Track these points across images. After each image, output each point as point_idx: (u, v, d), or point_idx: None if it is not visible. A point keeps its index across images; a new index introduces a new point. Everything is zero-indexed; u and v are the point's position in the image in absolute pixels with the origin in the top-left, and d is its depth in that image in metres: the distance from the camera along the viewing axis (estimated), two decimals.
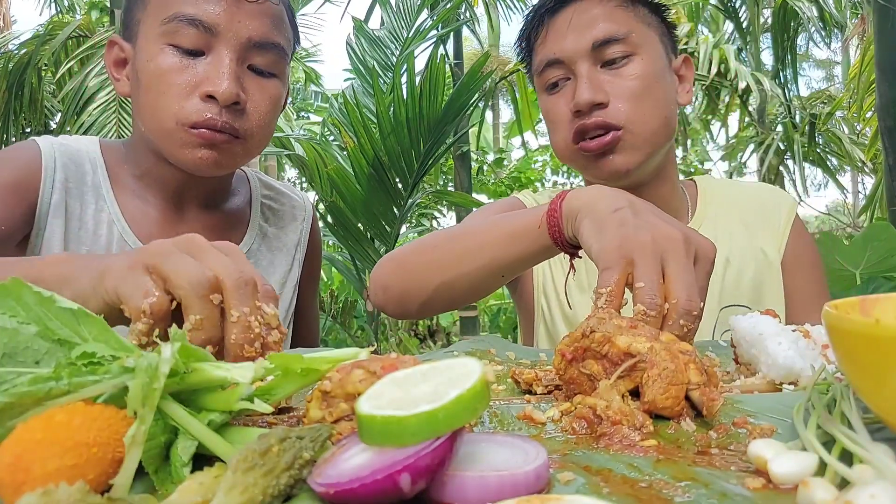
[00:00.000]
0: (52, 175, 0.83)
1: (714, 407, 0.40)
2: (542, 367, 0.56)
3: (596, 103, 0.86)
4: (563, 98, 0.91)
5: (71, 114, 4.04)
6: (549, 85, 0.93)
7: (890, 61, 3.00)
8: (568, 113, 0.89)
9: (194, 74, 0.77)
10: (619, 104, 0.87)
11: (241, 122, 0.80)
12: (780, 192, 1.07)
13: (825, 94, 7.35)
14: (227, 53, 0.77)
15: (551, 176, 7.19)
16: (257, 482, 0.27)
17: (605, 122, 0.86)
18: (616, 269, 0.52)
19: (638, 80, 0.88)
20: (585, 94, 0.86)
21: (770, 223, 1.00)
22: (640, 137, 0.87)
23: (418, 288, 0.77)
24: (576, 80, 0.89)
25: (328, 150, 3.40)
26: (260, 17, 0.80)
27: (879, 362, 0.31)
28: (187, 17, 0.76)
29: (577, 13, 0.90)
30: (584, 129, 0.87)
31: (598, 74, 0.89)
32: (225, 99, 0.76)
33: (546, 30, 0.93)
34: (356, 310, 3.91)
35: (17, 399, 0.32)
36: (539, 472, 0.29)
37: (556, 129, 0.93)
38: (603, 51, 0.88)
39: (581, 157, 0.90)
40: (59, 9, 7.55)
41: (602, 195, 0.61)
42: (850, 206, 11.00)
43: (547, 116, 0.95)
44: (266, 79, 0.83)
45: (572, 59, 0.89)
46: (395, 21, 3.52)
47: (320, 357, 0.38)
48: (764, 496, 0.30)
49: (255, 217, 0.98)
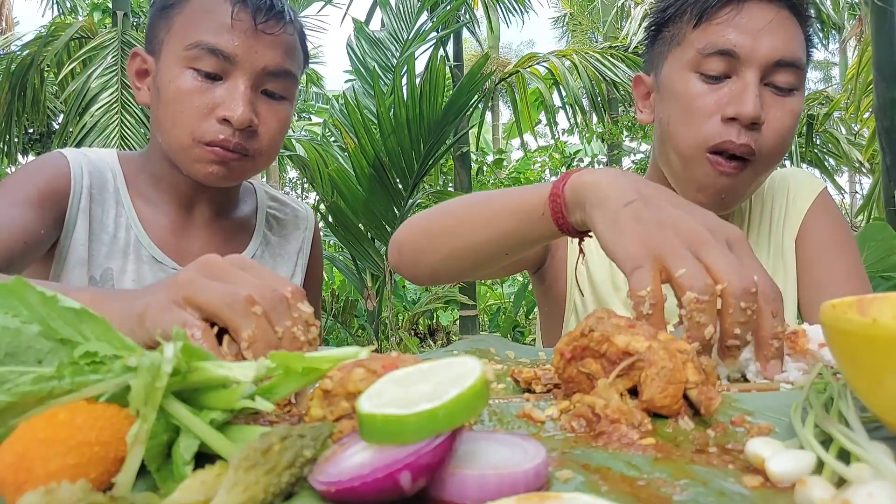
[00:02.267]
0: (80, 182, 0.90)
1: (712, 405, 0.40)
2: (542, 365, 0.57)
3: (756, 122, 0.81)
4: (716, 94, 0.83)
5: (73, 115, 4.04)
6: (710, 75, 0.84)
7: (887, 62, 3.01)
8: (715, 112, 0.82)
9: (212, 98, 0.84)
10: (770, 134, 0.82)
11: (252, 142, 0.87)
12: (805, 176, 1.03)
13: (823, 94, 7.35)
14: (242, 81, 0.84)
15: (550, 177, 7.19)
16: (259, 480, 0.28)
17: (752, 149, 0.81)
18: (647, 266, 0.49)
19: (792, 116, 0.83)
20: (752, 108, 0.79)
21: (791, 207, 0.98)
22: (759, 170, 0.84)
23: (430, 253, 0.76)
24: (739, 82, 0.82)
25: (329, 150, 3.41)
26: (275, 47, 0.86)
27: (877, 361, 0.31)
28: (208, 47, 0.83)
29: (779, 18, 0.82)
30: (730, 146, 0.81)
31: (762, 91, 0.82)
32: (239, 123, 0.83)
33: (737, 12, 0.83)
34: (357, 309, 3.91)
35: (20, 398, 0.32)
36: (538, 471, 0.30)
37: (692, 121, 0.84)
38: (777, 72, 0.82)
39: (705, 164, 0.84)
40: (62, 10, 7.56)
41: (610, 183, 0.57)
42: (848, 207, 11.01)
43: (691, 103, 0.84)
44: (277, 102, 0.89)
45: (748, 62, 0.81)
46: (395, 23, 3.52)
47: (321, 356, 0.38)
48: (762, 495, 0.30)
49: (260, 226, 1.05)
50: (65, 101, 4.35)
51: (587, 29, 11.37)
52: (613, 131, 5.79)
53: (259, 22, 0.84)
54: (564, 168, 6.98)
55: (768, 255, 0.97)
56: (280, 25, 0.87)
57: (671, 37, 0.89)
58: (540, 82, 4.86)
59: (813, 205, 0.97)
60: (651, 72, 0.94)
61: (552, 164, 7.01)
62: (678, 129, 0.86)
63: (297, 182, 11.41)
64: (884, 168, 3.13)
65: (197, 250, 0.94)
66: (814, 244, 0.96)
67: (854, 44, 8.44)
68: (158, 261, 0.92)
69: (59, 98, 4.96)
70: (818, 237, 0.96)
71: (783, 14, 0.84)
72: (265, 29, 0.85)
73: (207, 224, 0.97)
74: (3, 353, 0.34)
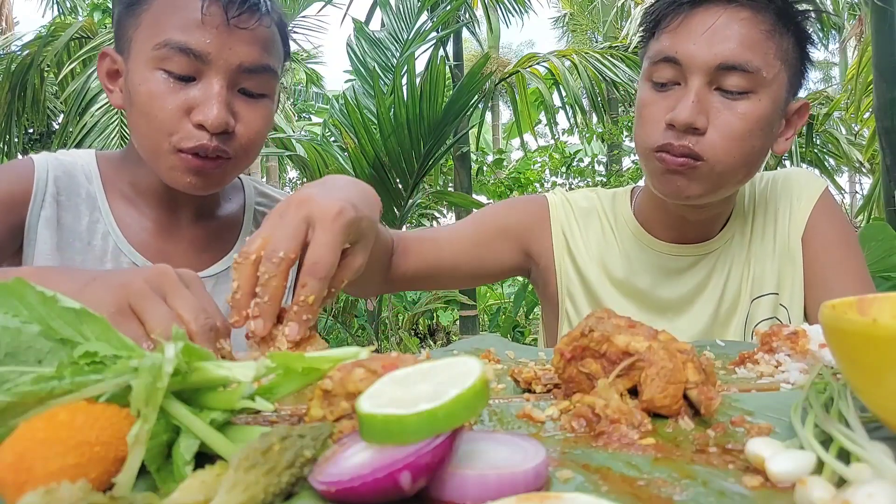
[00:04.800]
0: (43, 188, 0.85)
1: (712, 405, 0.40)
2: (542, 365, 0.57)
3: (693, 127, 0.81)
4: (664, 101, 0.85)
5: (73, 115, 4.05)
6: (657, 82, 0.86)
7: (887, 62, 3.01)
8: (662, 118, 0.84)
9: (185, 100, 0.78)
10: (715, 137, 0.82)
11: (230, 144, 0.81)
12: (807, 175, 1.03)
13: (823, 94, 7.34)
14: (216, 81, 0.78)
15: (550, 177, 7.18)
16: (259, 480, 0.28)
17: (692, 150, 0.82)
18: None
19: (744, 120, 0.82)
20: (685, 115, 0.81)
21: (796, 207, 0.98)
22: (714, 173, 0.84)
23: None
24: (684, 89, 0.83)
25: (329, 150, 3.41)
26: (251, 42, 0.80)
27: (877, 361, 0.31)
28: (178, 45, 0.77)
29: (722, 21, 0.82)
30: (668, 147, 0.83)
31: (709, 96, 0.83)
32: (215, 128, 0.78)
33: (681, 20, 0.85)
34: (357, 309, 3.91)
35: (20, 398, 0.32)
36: (538, 471, 0.30)
37: (643, 124, 0.87)
38: (724, 75, 0.82)
39: (654, 163, 0.86)
40: (62, 10, 7.56)
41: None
42: (848, 207, 11.01)
43: (640, 110, 0.89)
44: (256, 100, 0.84)
45: (690, 68, 0.82)
46: (395, 23, 3.52)
47: (321, 356, 0.38)
48: (761, 494, 0.30)
49: (248, 223, 1.00)
50: (65, 101, 4.35)
51: (587, 29, 11.37)
52: (613, 131, 5.78)
53: (232, 16, 0.78)
54: (565, 168, 6.98)
55: (774, 256, 0.97)
56: (255, 18, 0.80)
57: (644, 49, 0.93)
58: (540, 82, 4.86)
59: (817, 204, 0.97)
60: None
61: (552, 164, 7.01)
62: (635, 134, 0.91)
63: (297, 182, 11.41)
64: (884, 168, 3.13)
65: (182, 252, 0.91)
66: (819, 244, 0.96)
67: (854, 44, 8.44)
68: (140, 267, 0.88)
69: (59, 98, 4.97)
70: (823, 237, 0.96)
71: (739, 15, 0.82)
72: (238, 23, 0.79)
73: (192, 224, 0.92)
74: (3, 353, 0.34)
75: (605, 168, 7.29)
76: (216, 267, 0.93)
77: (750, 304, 0.95)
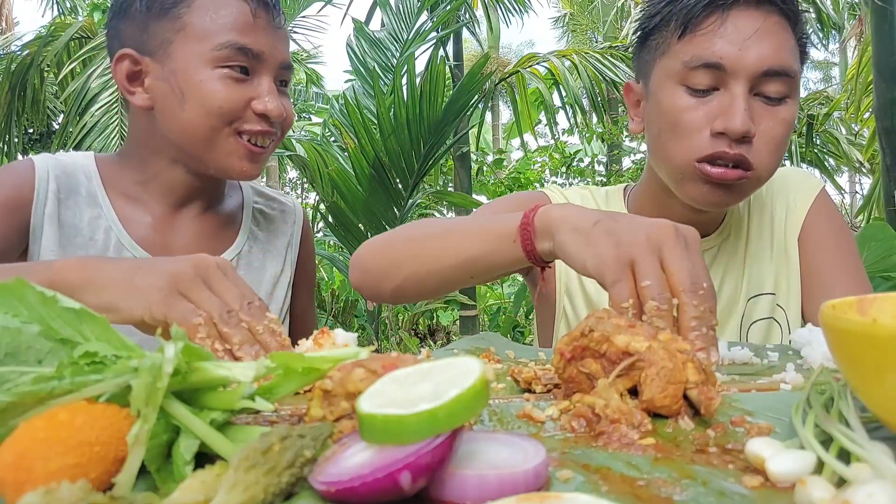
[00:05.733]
0: (45, 187, 0.88)
1: (712, 405, 0.40)
2: (542, 365, 0.57)
3: (746, 136, 0.79)
4: (705, 108, 0.81)
5: (73, 115, 4.05)
6: (696, 89, 0.82)
7: (887, 62, 3.01)
8: (705, 126, 0.81)
9: (246, 92, 0.88)
10: (763, 146, 0.80)
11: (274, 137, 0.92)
12: (804, 175, 1.02)
13: (823, 94, 7.34)
14: (266, 77, 0.90)
15: (550, 177, 7.19)
16: (259, 480, 0.28)
17: (747, 160, 0.79)
18: (625, 279, 0.55)
19: (784, 126, 0.81)
20: (741, 123, 0.78)
21: (792, 207, 0.98)
22: (758, 185, 0.84)
23: (393, 275, 0.80)
24: (727, 95, 0.80)
25: (329, 150, 3.41)
26: (285, 41, 0.93)
27: (877, 361, 0.31)
28: (239, 46, 0.87)
29: (766, 25, 0.80)
30: (722, 155, 0.80)
31: (752, 102, 0.80)
32: (276, 116, 0.89)
33: (722, 21, 0.80)
34: (357, 309, 3.91)
35: (20, 398, 0.32)
36: (538, 471, 0.30)
37: (682, 135, 0.82)
38: (766, 81, 0.80)
39: (695, 174, 0.82)
40: (62, 10, 7.56)
41: (576, 210, 0.63)
42: (848, 207, 11.01)
43: (678, 117, 0.83)
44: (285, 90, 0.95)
45: (735, 74, 0.79)
46: (395, 23, 3.52)
47: (321, 356, 0.38)
48: (762, 495, 0.30)
49: (247, 221, 1.05)
50: (65, 101, 4.35)
51: (587, 29, 11.37)
52: (613, 131, 5.79)
53: (275, 18, 0.90)
54: (565, 168, 6.98)
55: (771, 257, 0.97)
56: (283, 19, 0.93)
57: (657, 45, 0.88)
58: (540, 82, 4.86)
59: (813, 204, 0.97)
60: (640, 79, 0.93)
61: (552, 164, 7.01)
62: (668, 143, 0.85)
63: (297, 182, 11.42)
64: (884, 168, 3.13)
65: (183, 246, 0.94)
66: (815, 244, 0.96)
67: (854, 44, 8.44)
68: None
69: (59, 98, 4.96)
70: (819, 237, 0.96)
71: (772, 20, 0.81)
72: (278, 25, 0.91)
73: (194, 220, 0.97)
74: (3, 353, 0.34)
75: (605, 168, 7.29)
76: None
77: (746, 304, 0.95)
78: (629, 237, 0.56)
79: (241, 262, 1.01)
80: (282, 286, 1.04)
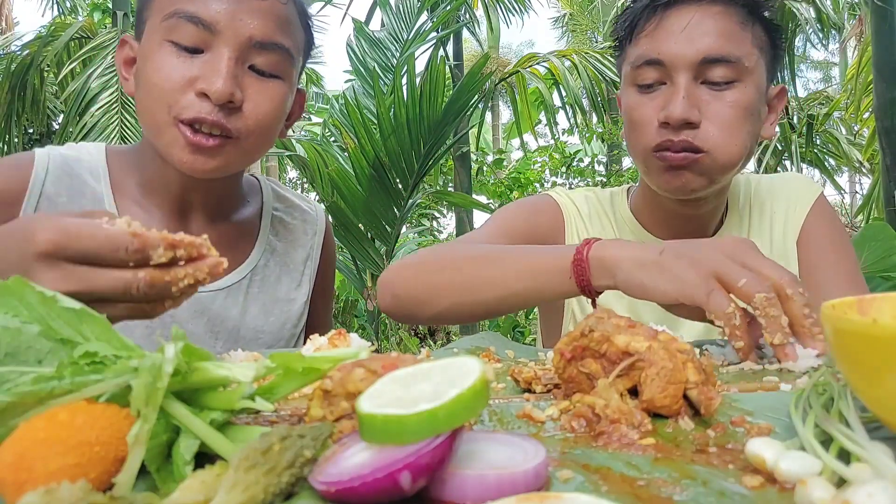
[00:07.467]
0: (39, 186, 0.81)
1: (712, 405, 0.40)
2: (542, 365, 0.57)
3: (688, 122, 0.84)
4: (653, 102, 0.87)
5: (73, 115, 4.05)
6: (643, 85, 0.88)
7: (887, 62, 3.01)
8: (654, 119, 0.86)
9: (190, 70, 0.75)
10: (710, 128, 0.84)
11: (235, 121, 0.77)
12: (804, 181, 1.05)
13: (823, 94, 7.35)
14: (225, 52, 0.75)
15: (550, 177, 7.19)
16: (259, 480, 0.28)
17: (692, 144, 0.84)
18: (717, 289, 0.57)
19: (735, 108, 0.85)
20: (680, 111, 0.83)
21: (791, 211, 1.00)
22: (717, 164, 0.86)
23: (433, 306, 0.80)
24: (672, 87, 0.85)
25: (329, 150, 3.41)
26: (263, 16, 0.77)
27: (877, 361, 0.31)
28: (187, 14, 0.74)
29: (697, 18, 0.85)
30: (668, 144, 0.85)
31: (697, 90, 0.85)
32: (217, 97, 0.74)
33: (657, 23, 0.87)
34: (357, 309, 3.91)
35: (20, 398, 0.32)
36: (538, 471, 0.30)
37: (637, 130, 0.89)
38: (709, 69, 0.84)
39: (655, 163, 0.88)
40: (62, 10, 7.56)
41: (631, 246, 0.66)
42: (848, 207, 11.01)
43: (630, 115, 0.90)
44: (267, 80, 0.80)
45: (674, 66, 0.85)
46: (395, 23, 3.53)
47: (321, 356, 0.38)
48: (762, 495, 0.30)
49: (265, 231, 0.95)
50: (65, 101, 4.35)
51: (587, 29, 11.37)
52: (613, 131, 5.79)
53: None
54: (565, 168, 6.97)
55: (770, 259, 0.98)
56: None
57: (621, 56, 0.94)
58: (540, 82, 4.86)
59: (812, 209, 0.99)
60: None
61: (552, 164, 7.01)
62: (629, 140, 0.92)
63: (297, 182, 11.41)
64: (884, 168, 3.14)
65: None
66: (814, 248, 0.98)
67: (854, 44, 8.43)
68: None
69: (59, 98, 4.96)
70: (818, 241, 0.98)
71: (713, 10, 0.85)
72: None
73: (203, 229, 0.86)
74: (3, 353, 0.34)
75: (605, 168, 7.29)
76: (230, 278, 0.88)
77: None
78: (702, 255, 0.59)
79: (256, 279, 0.92)
80: (298, 303, 0.95)
